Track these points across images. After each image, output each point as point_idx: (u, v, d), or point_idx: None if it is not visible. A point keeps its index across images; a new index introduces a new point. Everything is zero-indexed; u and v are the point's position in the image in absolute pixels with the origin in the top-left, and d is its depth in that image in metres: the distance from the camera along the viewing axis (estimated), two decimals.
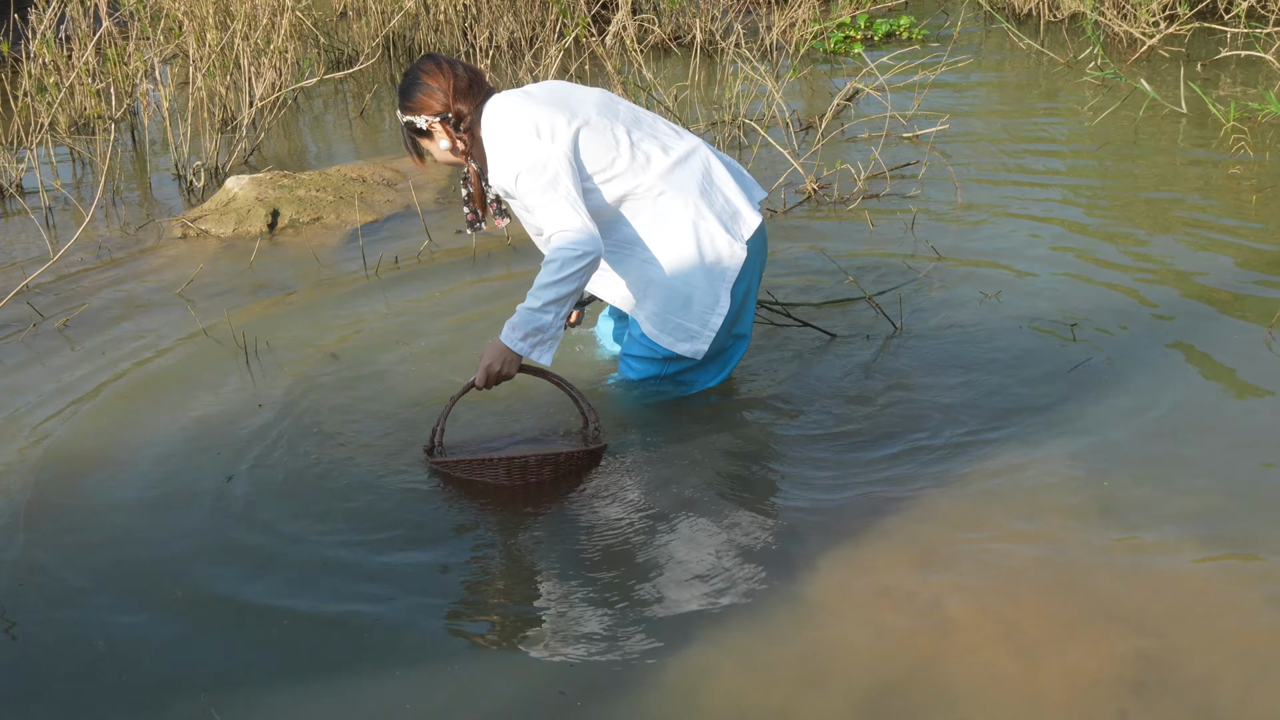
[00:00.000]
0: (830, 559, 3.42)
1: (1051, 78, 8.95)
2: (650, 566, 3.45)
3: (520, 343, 3.85)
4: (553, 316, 3.83)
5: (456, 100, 3.96)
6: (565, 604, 3.33)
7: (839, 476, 3.82)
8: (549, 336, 3.86)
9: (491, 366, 3.88)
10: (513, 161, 3.86)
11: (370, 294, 5.54)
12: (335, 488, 3.92)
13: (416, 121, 4.01)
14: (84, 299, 5.65)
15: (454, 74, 3.97)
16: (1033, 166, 6.87)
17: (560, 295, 3.79)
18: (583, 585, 3.39)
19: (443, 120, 3.98)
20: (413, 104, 4.00)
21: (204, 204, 6.84)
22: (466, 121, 3.99)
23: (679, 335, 4.11)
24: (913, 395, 4.29)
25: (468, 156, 4.07)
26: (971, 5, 11.13)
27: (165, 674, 3.12)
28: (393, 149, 8.19)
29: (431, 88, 3.96)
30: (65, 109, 8.06)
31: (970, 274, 5.33)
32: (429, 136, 4.04)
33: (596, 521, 3.68)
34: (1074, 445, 3.93)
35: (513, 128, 3.91)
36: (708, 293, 4.06)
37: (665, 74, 9.38)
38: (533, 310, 3.81)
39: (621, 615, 3.24)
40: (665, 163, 4.02)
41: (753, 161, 7.11)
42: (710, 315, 4.08)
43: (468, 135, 4.01)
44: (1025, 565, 3.35)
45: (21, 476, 4.07)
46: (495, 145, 3.92)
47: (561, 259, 3.76)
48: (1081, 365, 4.41)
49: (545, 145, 3.86)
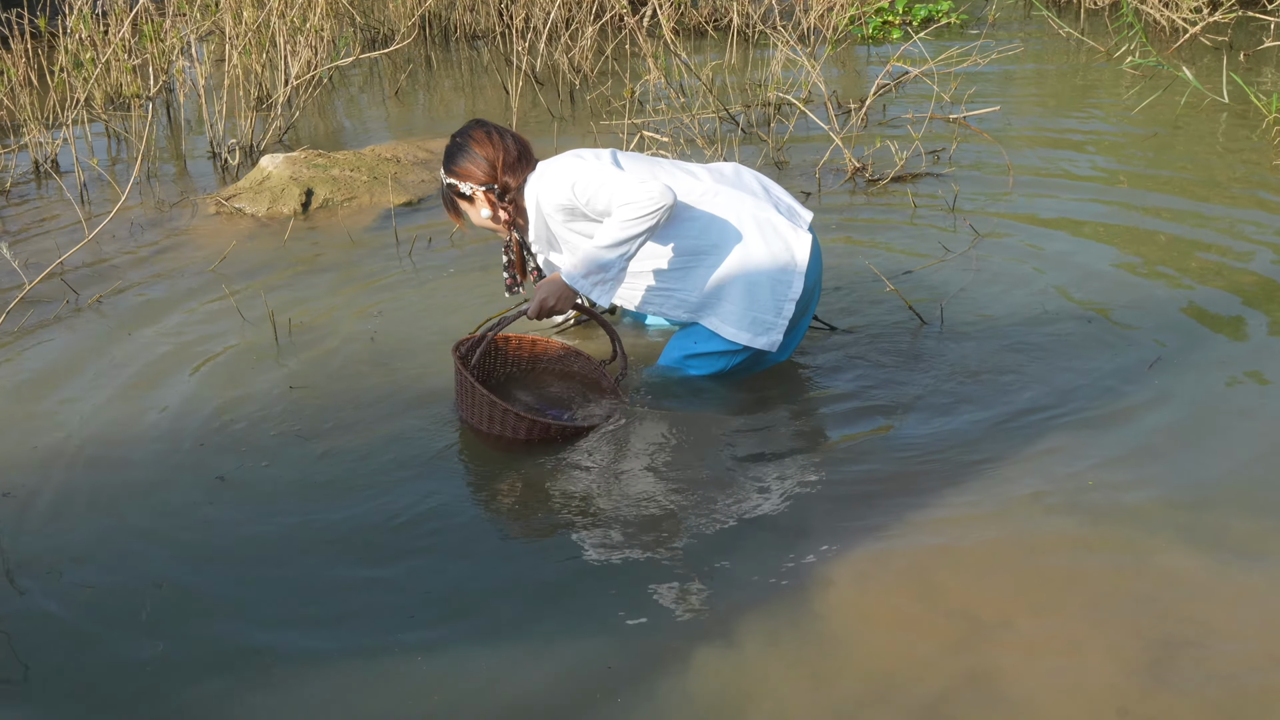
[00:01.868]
0: (868, 563, 3.38)
1: (1091, 66, 8.86)
2: (688, 557, 3.41)
3: (581, 279, 3.93)
4: (617, 257, 3.89)
5: (504, 173, 4.08)
6: (595, 586, 3.30)
7: (875, 475, 3.77)
8: (610, 277, 3.94)
9: (547, 300, 3.99)
10: (566, 176, 3.96)
11: (404, 275, 5.51)
12: (369, 469, 3.89)
13: (460, 186, 4.12)
14: (118, 276, 5.64)
15: (504, 145, 4.09)
16: (1071, 155, 6.79)
17: (629, 236, 3.85)
18: (611, 572, 3.35)
19: (488, 190, 4.08)
20: (459, 169, 4.11)
21: (238, 182, 6.83)
22: (512, 194, 4.09)
23: (756, 329, 4.09)
24: (951, 388, 4.23)
25: (509, 226, 4.17)
26: None
27: (218, 632, 3.12)
28: (426, 129, 8.17)
29: (479, 156, 4.08)
30: (101, 85, 8.06)
31: (1008, 259, 5.27)
32: (470, 201, 4.15)
33: (625, 503, 3.64)
34: (1114, 445, 3.87)
35: (557, 163, 4.04)
36: (780, 280, 4.06)
37: (702, 56, 9.33)
38: (601, 248, 3.88)
39: (659, 610, 3.19)
40: (711, 174, 4.15)
41: (788, 136, 7.05)
42: (784, 302, 4.07)
43: (511, 206, 4.12)
44: (1079, 573, 3.30)
45: (54, 453, 4.07)
46: (547, 180, 4.01)
47: (638, 200, 3.82)
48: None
49: (591, 160, 3.99)
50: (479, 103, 8.89)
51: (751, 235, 4.04)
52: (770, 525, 3.52)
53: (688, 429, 4.05)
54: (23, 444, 4.11)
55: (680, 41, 8.16)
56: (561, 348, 4.39)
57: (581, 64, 8.89)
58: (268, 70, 8.11)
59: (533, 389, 4.35)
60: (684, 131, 7.11)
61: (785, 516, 3.56)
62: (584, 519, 3.60)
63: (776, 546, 3.41)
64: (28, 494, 3.83)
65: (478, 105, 8.82)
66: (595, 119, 7.79)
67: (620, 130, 7.24)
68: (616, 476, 3.81)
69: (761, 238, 4.05)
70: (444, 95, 9.35)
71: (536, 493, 3.78)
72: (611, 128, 7.44)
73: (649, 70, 7.37)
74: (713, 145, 6.71)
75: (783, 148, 6.96)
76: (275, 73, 8.09)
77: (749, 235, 4.04)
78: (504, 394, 4.26)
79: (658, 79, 7.26)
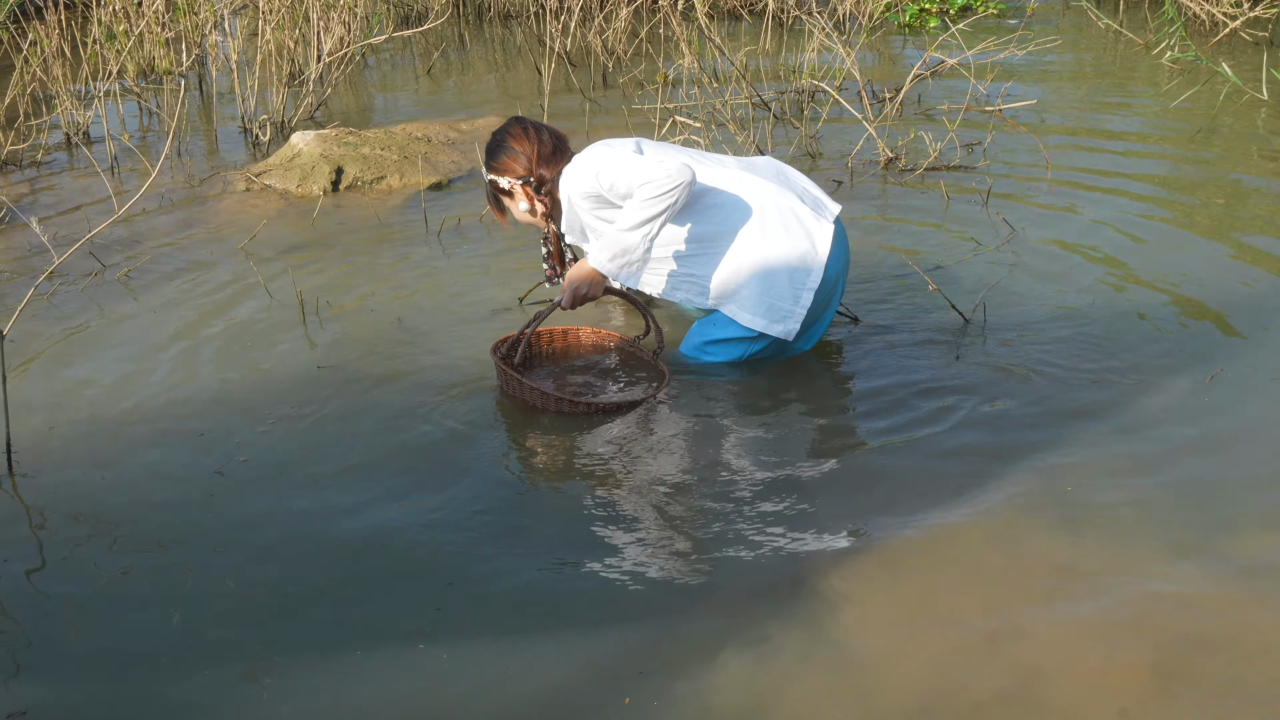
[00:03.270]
0: (891, 566, 3.34)
1: (1129, 58, 8.78)
2: (704, 555, 3.38)
3: (608, 264, 4.02)
4: (641, 237, 3.95)
5: (540, 165, 4.18)
6: (620, 577, 3.27)
7: (903, 475, 3.71)
8: (635, 259, 4.01)
9: (579, 289, 4.10)
10: (591, 165, 4.03)
11: (432, 257, 5.49)
12: (394, 454, 3.87)
13: (500, 182, 4.23)
14: (146, 250, 5.64)
15: (539, 139, 4.19)
16: (1108, 150, 6.72)
17: (650, 215, 3.90)
18: (632, 568, 3.32)
19: (525, 183, 4.18)
20: (498, 165, 4.23)
21: (268, 158, 6.82)
22: (548, 186, 4.19)
23: (772, 316, 4.09)
24: (987, 388, 4.16)
25: (547, 218, 4.25)
26: None
27: (228, 610, 3.11)
28: (458, 109, 8.15)
29: (517, 151, 4.19)
30: (134, 57, 8.05)
31: (1045, 255, 5.22)
32: (510, 196, 4.26)
33: (648, 498, 3.61)
34: (1135, 450, 3.82)
35: (586, 153, 4.10)
36: (800, 270, 4.05)
37: (736, 40, 9.28)
38: (623, 231, 3.95)
39: (680, 612, 3.17)
40: (737, 162, 4.20)
41: (821, 124, 7.00)
42: (802, 291, 4.07)
43: (548, 198, 4.21)
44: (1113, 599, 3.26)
45: (74, 428, 4.06)
46: (574, 170, 4.09)
47: (656, 179, 3.86)
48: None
49: (617, 148, 4.05)
50: (511, 83, 8.86)
51: (772, 222, 4.05)
52: (793, 524, 3.47)
53: (711, 421, 4.02)
54: (43, 419, 4.10)
55: (714, 25, 8.11)
56: (593, 333, 4.46)
57: (615, 46, 8.85)
58: (300, 46, 8.09)
59: (576, 370, 4.39)
60: (716, 116, 7.06)
61: (809, 516, 3.51)
62: (608, 511, 3.57)
63: (797, 546, 3.37)
64: (46, 470, 3.82)
65: (509, 86, 8.79)
66: (627, 102, 7.75)
67: (652, 114, 7.20)
68: (639, 469, 3.77)
69: (782, 225, 4.05)
70: (476, 75, 9.31)
71: (561, 482, 3.76)
72: (644, 111, 7.39)
73: (682, 54, 7.33)
74: (745, 131, 6.66)
75: (816, 135, 6.91)
76: (308, 48, 8.07)
77: (769, 222, 4.05)
78: (550, 378, 4.33)
79: (691, 63, 7.21)
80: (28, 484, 3.73)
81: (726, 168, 4.15)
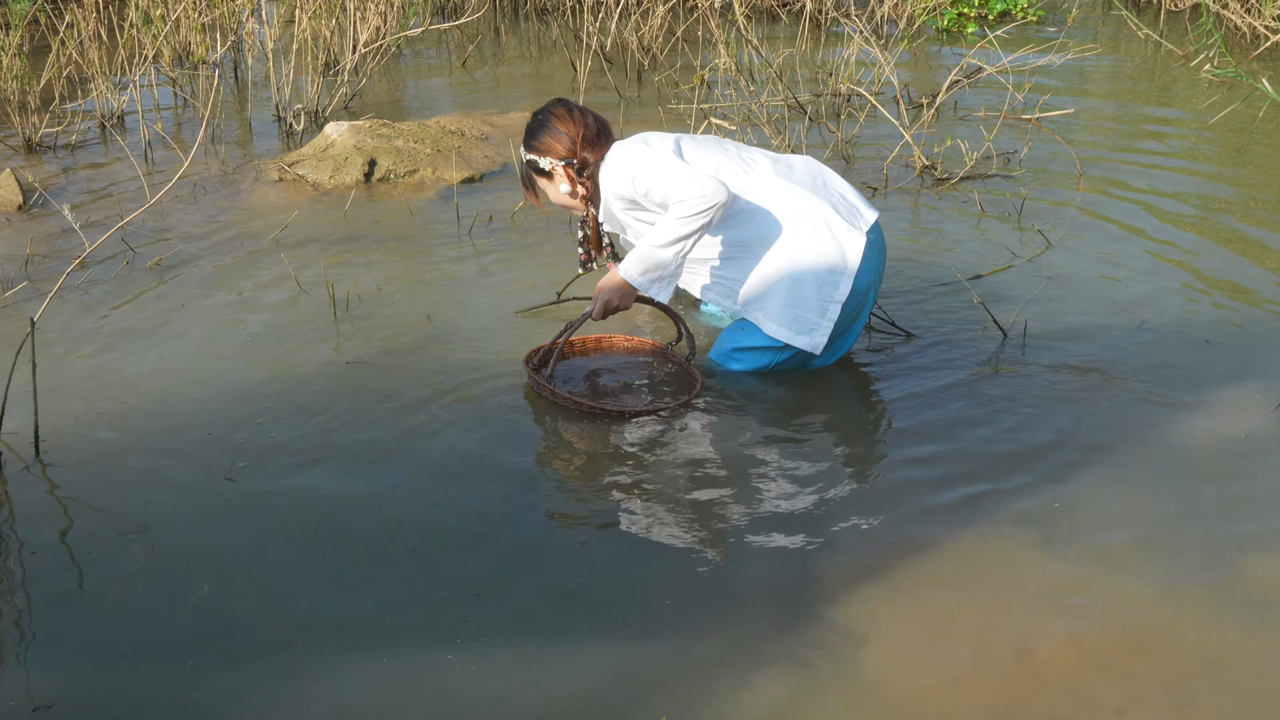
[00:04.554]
0: (909, 585, 3.31)
1: (1168, 69, 8.71)
2: (742, 569, 3.35)
3: (639, 278, 3.99)
4: (674, 254, 3.93)
5: (584, 148, 4.12)
6: (647, 588, 3.24)
7: (928, 495, 3.68)
8: (668, 274, 3.99)
9: (610, 301, 4.07)
10: (628, 168, 4.00)
11: (463, 252, 5.47)
12: (419, 452, 3.85)
13: (540, 162, 4.18)
14: (178, 239, 5.63)
15: (584, 122, 4.14)
16: (1145, 164, 6.66)
17: (685, 233, 3.88)
18: (662, 574, 3.30)
19: (567, 165, 4.13)
20: (539, 144, 4.17)
21: (302, 148, 6.81)
22: (590, 169, 4.13)
23: (799, 328, 4.06)
24: (1023, 407, 4.10)
25: (587, 202, 4.22)
26: None
27: (249, 608, 3.09)
28: (492, 102, 8.12)
29: (560, 132, 4.13)
30: (170, 43, 8.06)
31: (1079, 267, 5.17)
32: (549, 178, 4.20)
33: (673, 506, 3.58)
34: (1176, 470, 3.78)
35: (625, 149, 4.06)
36: (828, 282, 4.02)
37: (772, 41, 9.23)
38: (656, 247, 3.92)
39: (701, 623, 3.14)
40: (774, 166, 4.14)
41: (858, 128, 6.95)
42: (829, 304, 4.03)
43: (590, 182, 4.16)
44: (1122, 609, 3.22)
45: (101, 418, 4.05)
46: (611, 167, 4.05)
47: (690, 198, 3.83)
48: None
49: (654, 148, 4.01)
50: (545, 79, 8.83)
51: (802, 232, 4.01)
52: (818, 538, 3.44)
53: (739, 433, 3.98)
54: (69, 408, 4.09)
55: (751, 26, 8.07)
56: (625, 339, 4.46)
57: (651, 43, 8.81)
58: (336, 35, 8.08)
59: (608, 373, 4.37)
60: (751, 118, 7.02)
61: (833, 531, 3.48)
62: (634, 521, 3.54)
63: (824, 562, 3.33)
64: (70, 458, 3.80)
65: (544, 81, 8.77)
66: (662, 101, 7.72)
67: (688, 115, 7.17)
68: (665, 479, 3.73)
69: (812, 235, 4.01)
70: (511, 69, 9.29)
71: (590, 488, 3.72)
72: (679, 112, 7.36)
73: (719, 54, 7.29)
74: (780, 135, 6.62)
75: (851, 140, 6.87)
76: (344, 38, 8.06)
77: (799, 231, 4.01)
78: (583, 381, 4.31)
79: (727, 64, 7.17)
80: (53, 473, 3.72)
81: (758, 171, 4.10)
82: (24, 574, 3.29)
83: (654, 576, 3.26)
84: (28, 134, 6.96)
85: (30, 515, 3.54)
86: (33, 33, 8.29)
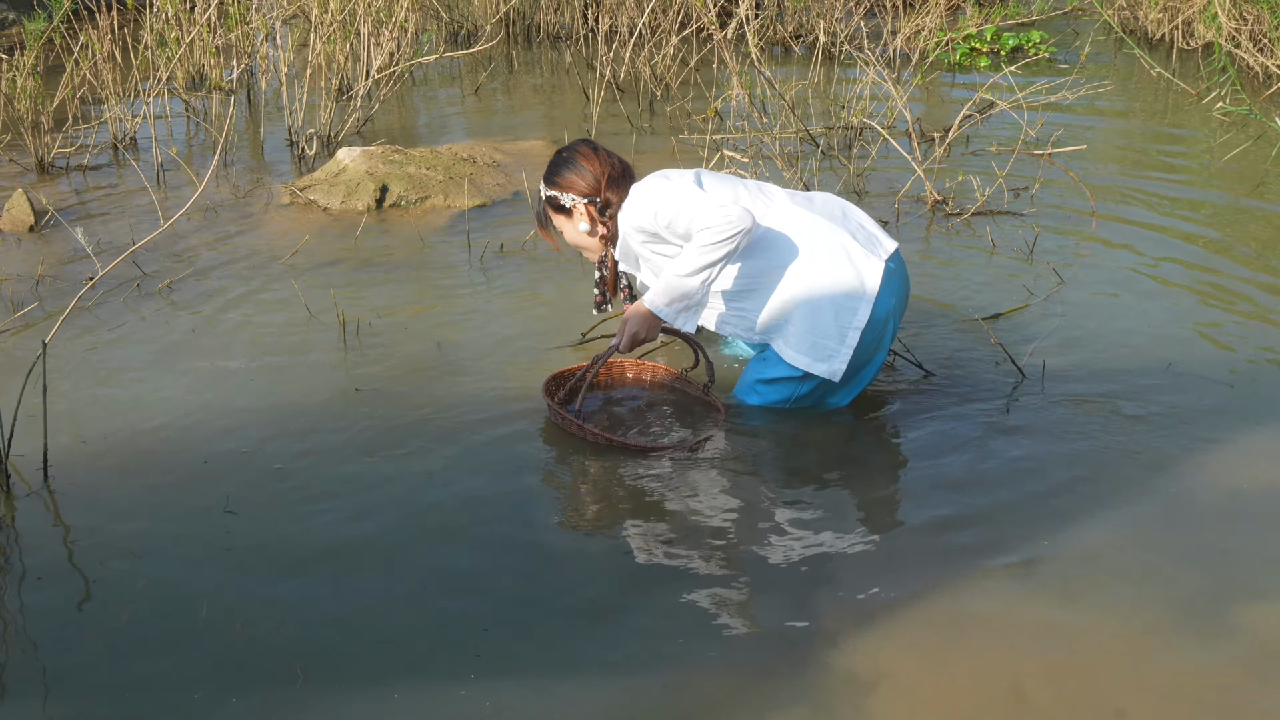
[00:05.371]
0: (917, 627, 3.28)
1: (1180, 107, 8.70)
2: (753, 610, 3.33)
3: (666, 308, 3.97)
4: (700, 282, 3.91)
5: (608, 188, 4.12)
6: (659, 627, 3.22)
7: (937, 538, 3.65)
8: (694, 303, 3.97)
9: (638, 334, 4.05)
10: (650, 202, 4.00)
11: (474, 281, 5.46)
12: (426, 481, 3.84)
13: (561, 198, 4.17)
14: (188, 262, 5.63)
15: (609, 162, 4.15)
16: (1156, 199, 6.64)
17: (711, 260, 3.86)
18: (674, 613, 3.27)
19: (590, 202, 4.13)
20: (562, 181, 4.17)
21: (314, 173, 6.81)
22: (612, 209, 4.12)
23: (817, 355, 4.04)
24: (1041, 451, 4.05)
25: (606, 242, 4.21)
26: (1103, 26, 10.87)
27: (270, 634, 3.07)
28: (504, 130, 8.13)
29: (585, 169, 4.14)
30: (184, 65, 8.08)
31: (1093, 305, 5.14)
32: (568, 215, 4.19)
33: (696, 542, 3.57)
34: (1194, 514, 3.75)
35: (646, 184, 4.07)
36: (846, 308, 4.00)
37: (785, 73, 9.24)
38: (681, 276, 3.90)
39: (721, 666, 3.12)
40: (792, 198, 4.14)
41: (869, 161, 6.94)
42: (848, 331, 4.01)
43: (611, 222, 4.15)
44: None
45: (108, 443, 4.04)
46: (633, 202, 4.05)
47: (715, 224, 3.82)
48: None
49: (675, 182, 4.02)
50: (558, 107, 8.84)
51: (820, 258, 4.00)
52: (828, 579, 3.41)
53: (754, 471, 3.96)
54: (77, 432, 4.08)
55: (765, 57, 8.08)
56: (635, 364, 4.48)
57: (664, 74, 8.83)
58: (350, 60, 8.09)
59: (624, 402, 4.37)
60: (764, 151, 7.02)
61: (843, 574, 3.44)
62: (646, 558, 3.52)
63: (832, 603, 3.31)
64: (77, 484, 3.79)
65: (556, 110, 8.77)
66: (675, 132, 7.72)
67: (700, 146, 7.17)
68: (679, 516, 3.72)
69: (830, 261, 4.00)
70: (524, 96, 9.30)
71: (600, 523, 3.71)
72: (691, 143, 7.36)
73: (731, 85, 7.30)
74: (792, 167, 6.62)
75: (863, 173, 6.86)
76: (357, 63, 8.07)
77: (817, 258, 4.00)
78: (601, 411, 4.30)
79: (740, 95, 7.17)
80: (60, 499, 3.71)
81: (780, 203, 4.10)
82: (29, 601, 3.28)
83: (665, 615, 3.24)
84: (40, 154, 6.97)
85: (36, 541, 3.53)
86: (47, 53, 8.31)
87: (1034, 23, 10.80)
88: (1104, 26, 10.88)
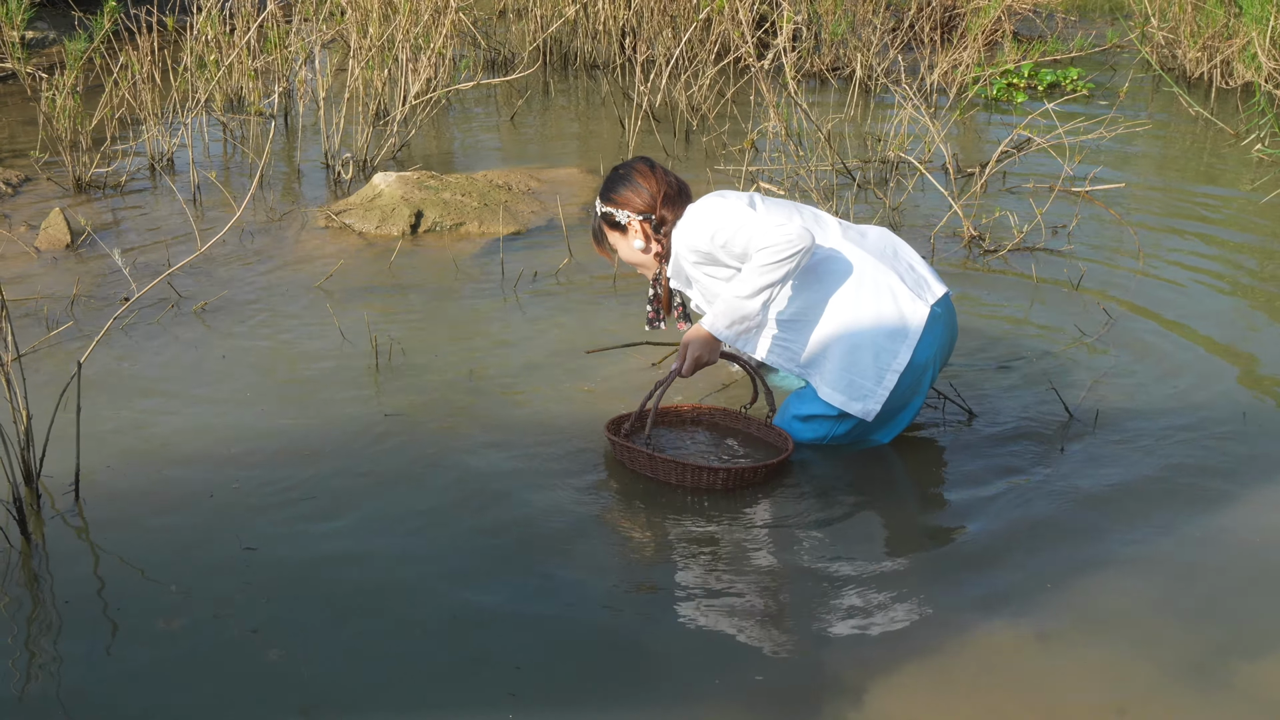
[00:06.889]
0: (940, 684, 3.24)
1: (1219, 147, 8.64)
2: (779, 652, 3.29)
3: (725, 330, 3.97)
4: (759, 304, 3.91)
5: (664, 205, 4.10)
6: (692, 670, 3.18)
7: (966, 586, 3.59)
8: (754, 324, 3.96)
9: (700, 357, 4.03)
10: (707, 222, 3.96)
11: (507, 309, 5.45)
12: (454, 512, 3.81)
13: (616, 215, 4.15)
14: (224, 284, 5.63)
15: (666, 180, 4.13)
16: (1195, 238, 6.59)
17: (771, 281, 3.85)
18: (707, 655, 3.23)
19: (645, 219, 4.10)
20: (618, 197, 4.14)
21: (349, 197, 6.82)
22: (668, 227, 4.10)
23: (853, 394, 4.00)
24: (1091, 499, 3.97)
25: (660, 259, 4.19)
26: (1141, 64, 10.83)
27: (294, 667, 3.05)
28: (540, 157, 8.13)
29: (641, 186, 4.11)
30: (223, 87, 8.11)
31: (1143, 346, 5.08)
32: (623, 231, 4.17)
33: (725, 581, 3.53)
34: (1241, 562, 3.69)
35: (702, 204, 4.04)
36: (886, 349, 3.96)
37: (821, 104, 9.22)
38: (740, 298, 3.89)
39: (752, 710, 3.09)
40: (844, 231, 4.11)
41: (905, 196, 6.91)
42: (886, 372, 3.97)
43: (666, 240, 4.12)
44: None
45: (139, 464, 4.03)
46: (688, 222, 4.03)
47: (775, 244, 3.80)
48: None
49: (731, 202, 3.99)
50: (593, 136, 8.84)
51: (866, 297, 3.96)
52: (852, 623, 3.36)
53: (789, 507, 3.92)
54: (107, 454, 4.06)
55: (801, 90, 8.07)
56: (694, 409, 4.39)
57: (701, 104, 8.82)
58: (387, 86, 8.11)
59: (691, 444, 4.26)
60: (800, 184, 7.00)
61: (870, 615, 3.40)
62: (673, 598, 3.49)
63: (854, 645, 3.26)
64: (107, 508, 3.78)
65: (592, 138, 8.77)
66: (710, 163, 7.70)
67: (736, 178, 7.15)
68: (703, 555, 3.68)
69: (875, 301, 3.96)
70: (559, 124, 9.31)
71: (626, 562, 3.68)
72: (727, 174, 7.34)
73: (768, 116, 7.28)
74: (828, 201, 6.59)
75: (898, 208, 6.83)
76: (395, 88, 8.08)
77: (862, 297, 3.96)
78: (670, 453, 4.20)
79: (777, 128, 7.15)
80: (89, 521, 3.70)
81: (833, 234, 4.08)
82: (57, 626, 3.26)
83: (692, 660, 3.19)
84: (78, 173, 7.00)
85: (64, 564, 3.52)
86: (87, 72, 8.35)
87: (1072, 59, 10.76)
88: (1142, 64, 10.84)
